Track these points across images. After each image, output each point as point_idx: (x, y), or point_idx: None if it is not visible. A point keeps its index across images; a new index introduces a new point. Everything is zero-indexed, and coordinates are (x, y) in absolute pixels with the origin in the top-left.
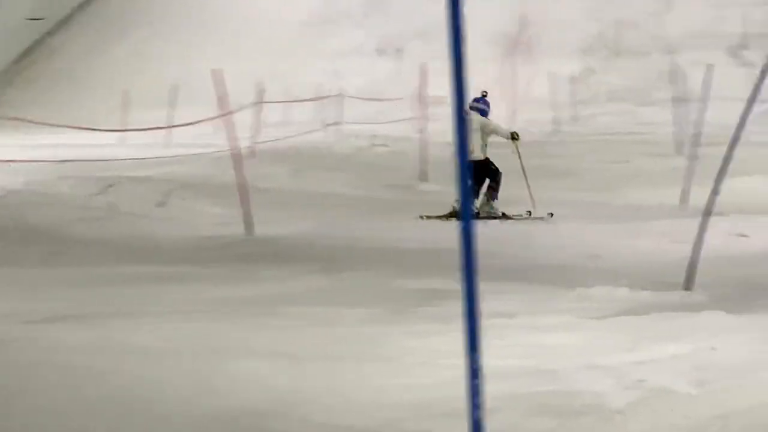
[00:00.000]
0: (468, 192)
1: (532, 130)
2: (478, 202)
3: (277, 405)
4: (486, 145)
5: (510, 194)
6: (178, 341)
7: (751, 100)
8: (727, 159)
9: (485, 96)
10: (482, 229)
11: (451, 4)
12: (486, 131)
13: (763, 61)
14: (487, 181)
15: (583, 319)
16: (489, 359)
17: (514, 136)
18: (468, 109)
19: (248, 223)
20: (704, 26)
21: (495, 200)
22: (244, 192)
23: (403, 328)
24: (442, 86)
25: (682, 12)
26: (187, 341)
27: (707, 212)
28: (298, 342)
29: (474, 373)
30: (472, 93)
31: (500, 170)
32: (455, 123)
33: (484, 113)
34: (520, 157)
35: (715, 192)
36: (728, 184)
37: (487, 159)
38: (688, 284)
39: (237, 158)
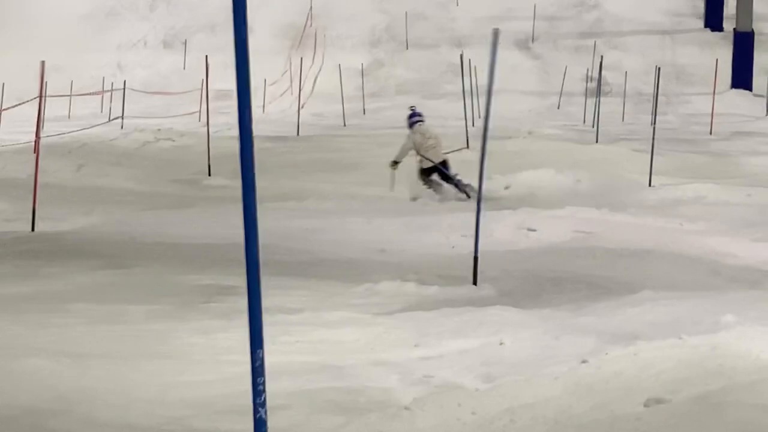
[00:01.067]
0: (250, 185)
1: (320, 123)
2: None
3: (59, 403)
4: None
5: None
6: None
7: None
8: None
9: (414, 109)
10: (271, 222)
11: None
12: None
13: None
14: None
15: (370, 315)
16: (275, 356)
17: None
18: (417, 125)
19: (33, 219)
20: (492, 19)
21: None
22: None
23: (188, 325)
24: (227, 79)
25: (470, 5)
26: None
27: (478, 206)
28: (81, 339)
29: (257, 370)
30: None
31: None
32: (240, 116)
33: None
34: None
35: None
36: (519, 178)
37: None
38: (474, 279)
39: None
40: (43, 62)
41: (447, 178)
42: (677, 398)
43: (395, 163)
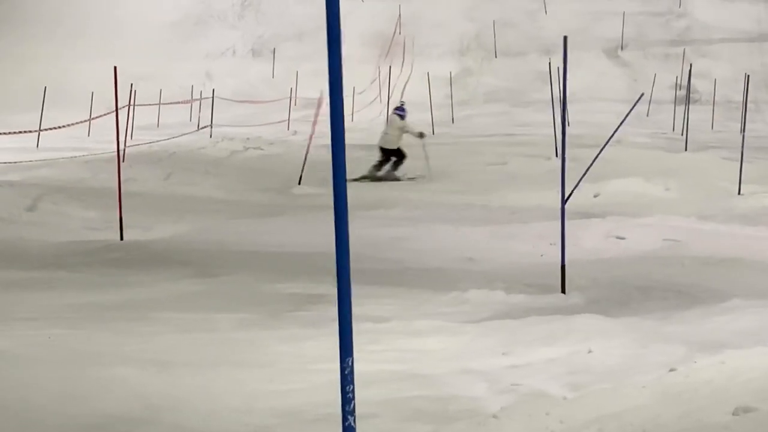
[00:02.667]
0: (342, 196)
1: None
2: (383, 169)
3: (146, 412)
4: (400, 138)
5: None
6: (47, 347)
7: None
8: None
9: (403, 104)
10: (360, 231)
11: (328, 6)
12: (403, 130)
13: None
14: (393, 159)
15: (459, 323)
16: (364, 364)
17: (421, 134)
18: (391, 114)
19: (121, 228)
20: (580, 27)
21: (397, 169)
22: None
23: (277, 333)
24: (314, 87)
25: (558, 12)
26: (56, 347)
27: (562, 215)
28: (168, 348)
29: (346, 378)
30: (348, 94)
31: (406, 154)
32: (332, 124)
33: (402, 117)
34: (424, 147)
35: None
36: (607, 187)
37: (399, 148)
38: (563, 287)
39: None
40: (115, 68)
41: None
42: (766, 407)
43: (422, 135)
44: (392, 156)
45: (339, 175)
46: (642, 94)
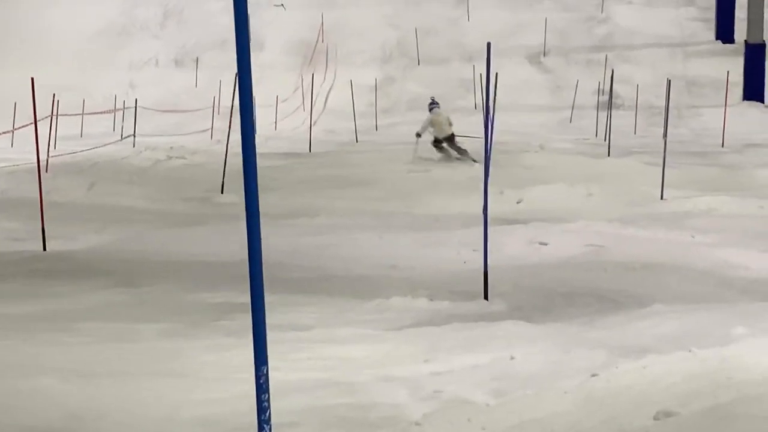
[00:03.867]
0: (253, 204)
1: (332, 139)
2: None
3: (69, 422)
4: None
5: None
6: None
7: None
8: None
9: (433, 98)
10: (284, 239)
11: (236, 16)
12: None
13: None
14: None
15: (381, 331)
16: (286, 372)
17: (418, 135)
18: (435, 109)
19: (44, 238)
20: (503, 34)
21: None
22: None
23: (199, 343)
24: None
25: (481, 20)
26: None
27: (485, 222)
28: (91, 358)
29: (261, 387)
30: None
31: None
32: (243, 129)
33: (430, 110)
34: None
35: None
36: (530, 193)
37: (443, 137)
38: (485, 293)
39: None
40: (32, 79)
41: (452, 146)
42: (687, 411)
43: (418, 135)
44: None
45: (250, 184)
46: None
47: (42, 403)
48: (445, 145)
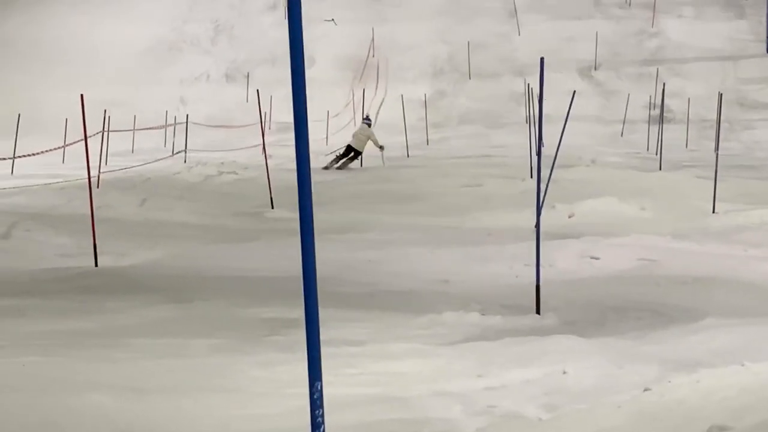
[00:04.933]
0: (308, 216)
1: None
2: (340, 162)
3: None
4: (366, 143)
5: None
6: (20, 375)
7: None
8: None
9: (368, 116)
10: (335, 254)
11: (291, 30)
12: (369, 137)
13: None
14: (351, 155)
15: (433, 346)
16: (339, 388)
17: (381, 147)
18: (361, 123)
19: (95, 254)
20: (554, 48)
21: (350, 163)
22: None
23: (251, 358)
24: (289, 111)
25: (531, 34)
26: (29, 375)
27: (537, 235)
28: (143, 374)
29: (315, 403)
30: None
31: (362, 155)
32: (297, 145)
33: (369, 125)
34: (382, 157)
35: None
36: (581, 207)
37: (360, 151)
38: (537, 308)
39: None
40: (82, 96)
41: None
42: (740, 425)
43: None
44: (353, 154)
45: (305, 200)
46: None
47: (93, 419)
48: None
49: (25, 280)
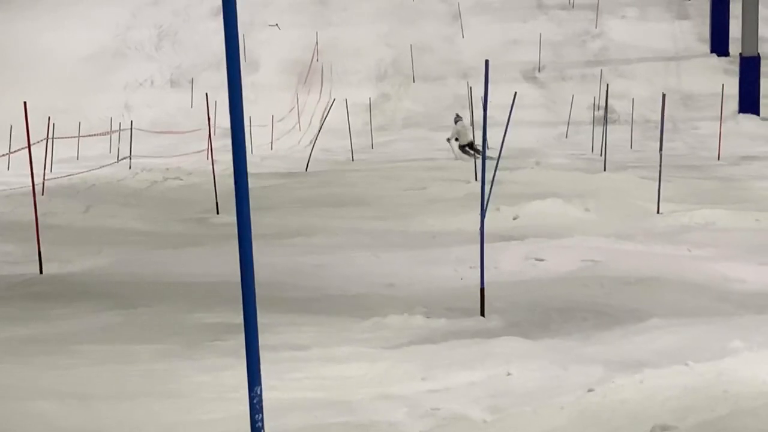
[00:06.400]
0: (245, 223)
1: (328, 158)
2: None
3: None
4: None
5: None
6: None
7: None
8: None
9: (458, 114)
10: (281, 258)
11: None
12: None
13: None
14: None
15: (378, 349)
16: (283, 392)
17: (448, 140)
18: (459, 121)
19: (40, 261)
20: (498, 50)
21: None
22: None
23: (196, 363)
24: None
25: (475, 36)
26: None
27: (481, 237)
28: (87, 380)
29: (255, 407)
30: (261, 120)
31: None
32: (234, 150)
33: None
34: (452, 150)
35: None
36: (526, 209)
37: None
38: (482, 310)
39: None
40: (25, 103)
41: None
42: (683, 425)
43: (449, 140)
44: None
45: (242, 204)
46: None
47: (40, 426)
48: (467, 149)
49: None
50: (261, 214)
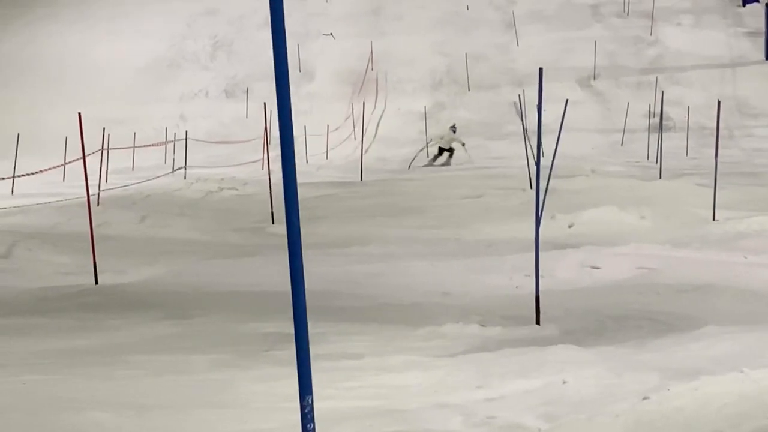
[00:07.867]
0: (295, 234)
1: (383, 167)
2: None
3: None
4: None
5: None
6: (21, 394)
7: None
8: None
9: (454, 125)
10: (336, 268)
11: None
12: (455, 140)
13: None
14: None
15: (433, 358)
16: (339, 401)
17: (463, 144)
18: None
19: (96, 272)
20: (552, 58)
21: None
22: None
23: (251, 373)
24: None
25: (530, 44)
26: (30, 393)
27: (536, 246)
28: (143, 391)
29: (306, 417)
30: (316, 130)
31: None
32: (283, 158)
33: (454, 132)
34: (466, 151)
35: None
36: (581, 217)
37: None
38: (537, 318)
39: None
40: (80, 114)
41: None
42: None
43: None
44: (447, 151)
45: (292, 215)
46: None
47: None
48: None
49: (26, 299)
50: (316, 223)
